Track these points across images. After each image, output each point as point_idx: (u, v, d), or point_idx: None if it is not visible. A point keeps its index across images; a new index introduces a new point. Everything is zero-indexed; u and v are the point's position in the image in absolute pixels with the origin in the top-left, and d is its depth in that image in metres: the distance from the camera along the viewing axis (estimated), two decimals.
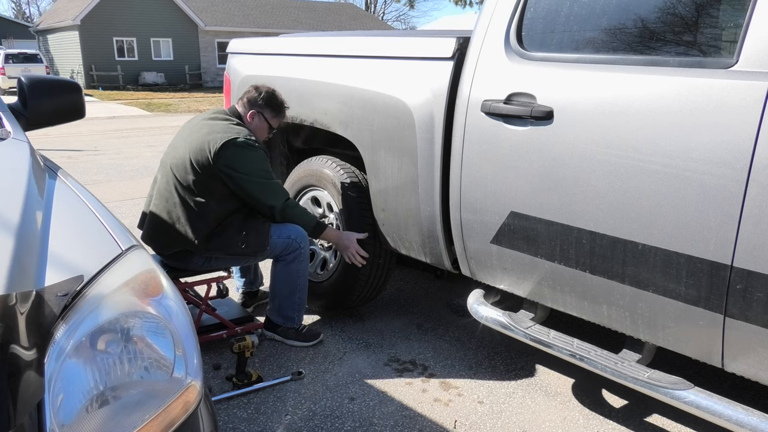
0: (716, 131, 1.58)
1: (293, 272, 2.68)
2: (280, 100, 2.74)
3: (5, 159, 1.57)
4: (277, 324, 2.76)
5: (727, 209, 1.56)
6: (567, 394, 2.42)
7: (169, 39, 27.40)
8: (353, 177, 2.83)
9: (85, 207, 1.37)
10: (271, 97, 2.71)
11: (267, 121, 2.73)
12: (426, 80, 2.31)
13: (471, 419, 2.24)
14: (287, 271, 2.67)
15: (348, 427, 2.19)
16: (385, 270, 2.91)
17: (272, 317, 2.76)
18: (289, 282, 2.70)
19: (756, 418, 1.63)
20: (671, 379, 1.82)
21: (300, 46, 3.08)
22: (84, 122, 2.81)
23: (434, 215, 2.37)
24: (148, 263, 1.21)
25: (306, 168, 3.06)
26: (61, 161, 2.06)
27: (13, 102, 2.08)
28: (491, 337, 2.85)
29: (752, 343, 1.61)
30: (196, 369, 1.09)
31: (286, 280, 2.70)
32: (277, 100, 2.73)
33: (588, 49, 1.92)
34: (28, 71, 20.07)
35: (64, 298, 1.01)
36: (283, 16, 30.79)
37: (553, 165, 1.92)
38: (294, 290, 2.72)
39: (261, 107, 2.70)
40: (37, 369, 0.92)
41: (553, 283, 2.05)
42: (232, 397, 2.35)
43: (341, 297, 2.94)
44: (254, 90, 2.72)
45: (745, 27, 1.57)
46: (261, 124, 2.72)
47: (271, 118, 2.73)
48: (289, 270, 2.67)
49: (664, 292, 1.75)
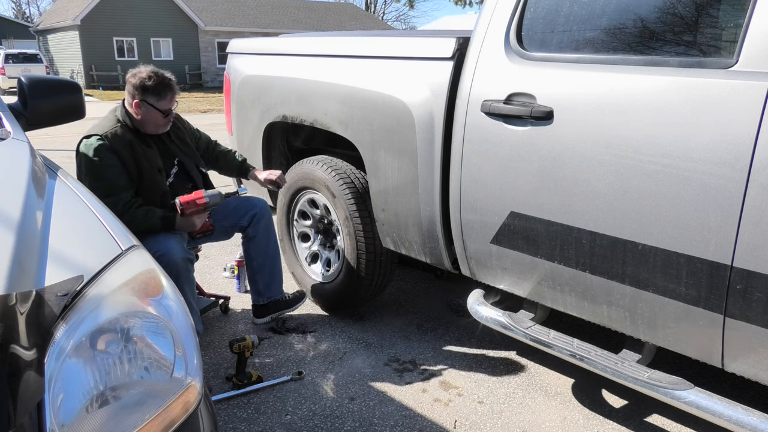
0: (716, 131, 1.57)
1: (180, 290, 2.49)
2: (159, 78, 2.47)
3: (5, 159, 1.57)
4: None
5: (727, 209, 1.56)
6: (567, 394, 2.42)
7: (169, 39, 27.39)
8: (345, 178, 2.82)
9: (85, 207, 1.37)
10: (145, 81, 2.45)
11: (154, 106, 2.47)
12: (426, 80, 2.31)
13: (471, 419, 2.24)
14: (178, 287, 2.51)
15: (348, 427, 2.19)
16: (389, 266, 2.91)
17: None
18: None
19: (756, 418, 1.63)
20: (671, 379, 1.82)
21: (300, 46, 3.08)
22: (84, 122, 2.81)
23: (434, 215, 2.37)
24: (148, 263, 1.21)
25: (299, 170, 3.05)
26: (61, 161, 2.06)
27: (13, 102, 2.08)
28: (491, 337, 2.85)
29: (752, 343, 1.61)
30: (196, 369, 1.09)
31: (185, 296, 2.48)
32: (154, 84, 2.45)
33: (588, 49, 1.92)
34: (28, 71, 20.05)
35: (64, 298, 1.01)
36: (283, 16, 30.78)
37: (553, 165, 1.92)
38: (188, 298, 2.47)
39: (142, 94, 2.46)
40: (37, 369, 0.92)
41: (553, 283, 2.05)
42: (232, 397, 2.35)
43: (347, 296, 2.94)
44: (132, 76, 2.49)
45: (745, 27, 1.57)
46: (151, 112, 2.49)
47: (157, 101, 2.47)
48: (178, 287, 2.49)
49: (664, 292, 1.75)
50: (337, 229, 2.95)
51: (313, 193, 3.02)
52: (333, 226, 3.00)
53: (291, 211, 3.20)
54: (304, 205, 3.12)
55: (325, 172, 2.87)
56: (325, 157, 2.98)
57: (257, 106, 3.22)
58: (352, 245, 2.81)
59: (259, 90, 3.20)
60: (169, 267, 2.34)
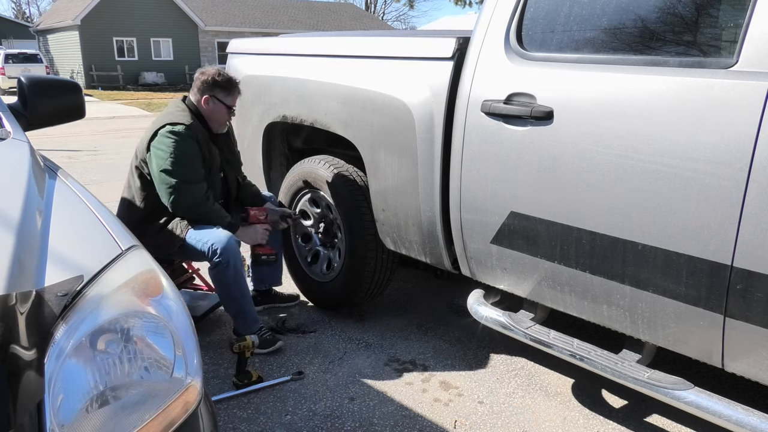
0: (716, 131, 1.57)
1: (223, 280, 2.58)
2: (227, 77, 2.73)
3: (5, 159, 1.57)
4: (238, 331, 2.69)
5: (727, 209, 1.56)
6: (567, 394, 2.42)
7: (169, 39, 27.39)
8: (348, 176, 2.83)
9: (85, 207, 1.37)
10: (216, 77, 2.70)
11: (221, 102, 2.71)
12: (426, 80, 2.31)
13: (471, 419, 2.24)
14: (219, 278, 2.59)
15: (348, 427, 2.19)
16: (390, 265, 2.91)
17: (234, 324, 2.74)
18: (224, 291, 2.62)
19: (756, 418, 1.63)
20: (671, 379, 1.82)
21: (300, 46, 3.08)
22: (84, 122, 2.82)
23: (434, 215, 2.37)
24: (148, 263, 1.21)
25: (300, 170, 3.05)
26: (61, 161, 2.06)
27: (13, 102, 2.07)
28: (491, 337, 2.85)
29: (752, 343, 1.61)
30: (196, 369, 1.09)
31: (221, 289, 2.63)
32: (224, 78, 2.72)
33: (588, 49, 1.92)
34: (28, 71, 20.04)
35: (64, 298, 1.01)
36: (283, 16, 30.78)
37: (553, 165, 1.92)
38: (231, 299, 2.64)
39: (211, 89, 2.69)
40: (37, 369, 0.92)
41: (553, 283, 2.05)
42: (232, 397, 2.35)
43: (349, 295, 2.95)
44: (201, 75, 2.73)
45: (745, 27, 1.57)
46: (217, 107, 2.72)
47: (225, 97, 2.72)
48: (220, 279, 2.59)
49: (664, 292, 1.75)
50: (338, 227, 2.95)
51: (314, 192, 3.02)
52: (334, 225, 3.00)
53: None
54: (305, 205, 3.12)
55: (327, 171, 2.88)
56: (326, 156, 2.98)
57: (257, 106, 3.22)
58: (353, 244, 2.81)
59: (259, 90, 3.20)
60: (221, 258, 2.52)
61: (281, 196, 3.21)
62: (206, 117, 2.73)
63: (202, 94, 2.70)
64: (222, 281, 2.59)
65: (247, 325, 2.66)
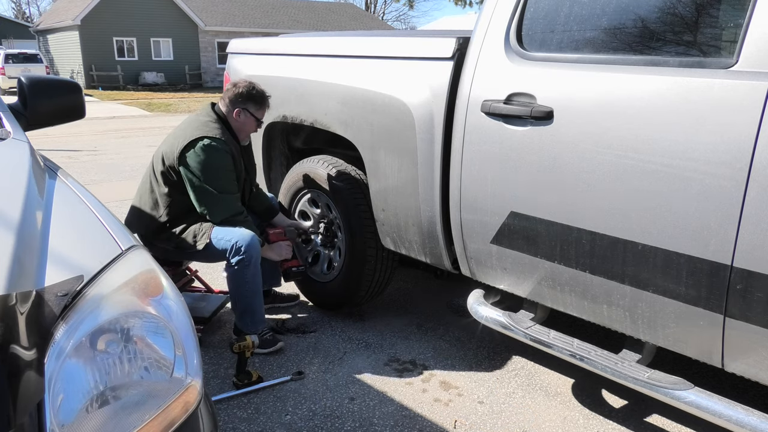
0: (716, 131, 1.57)
1: (240, 279, 2.60)
2: (260, 90, 2.76)
3: (5, 159, 1.56)
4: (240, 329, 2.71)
5: (727, 209, 1.56)
6: (567, 394, 2.42)
7: (169, 39, 27.38)
8: (348, 176, 2.83)
9: (85, 207, 1.37)
10: (251, 90, 2.73)
11: (252, 115, 2.75)
12: (426, 80, 2.31)
13: (471, 419, 2.24)
14: (235, 277, 2.61)
15: (348, 427, 2.19)
16: (390, 264, 2.91)
17: (236, 322, 2.74)
18: (238, 288, 2.64)
19: (756, 418, 1.63)
20: (671, 379, 1.82)
21: (300, 46, 3.08)
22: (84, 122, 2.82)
23: (434, 215, 2.37)
24: (148, 263, 1.21)
25: (300, 170, 3.05)
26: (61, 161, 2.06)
27: (13, 102, 2.07)
28: (491, 337, 2.85)
29: (752, 343, 1.61)
30: (196, 369, 1.09)
31: (236, 286, 2.64)
32: (258, 92, 2.75)
33: (588, 49, 1.92)
34: (28, 71, 20.05)
35: (64, 298, 1.01)
36: (283, 16, 30.78)
37: (553, 165, 1.92)
38: (243, 296, 2.65)
39: (244, 103, 2.72)
40: (37, 369, 0.92)
41: (553, 283, 2.05)
42: (232, 397, 2.35)
43: (349, 294, 2.95)
44: (233, 87, 2.74)
45: (745, 27, 1.57)
46: (247, 119, 2.75)
47: (256, 110, 2.75)
48: (237, 276, 2.61)
49: (664, 292, 1.75)
50: (339, 227, 2.95)
51: (314, 192, 3.02)
52: (334, 225, 3.00)
53: (292, 211, 3.20)
54: (304, 205, 3.12)
55: (327, 171, 2.88)
56: (326, 156, 2.99)
57: None
58: (353, 244, 2.81)
59: None
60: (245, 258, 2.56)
61: (281, 197, 3.21)
62: (235, 128, 2.75)
63: (234, 106, 2.73)
64: (239, 278, 2.61)
65: (254, 323, 2.68)
